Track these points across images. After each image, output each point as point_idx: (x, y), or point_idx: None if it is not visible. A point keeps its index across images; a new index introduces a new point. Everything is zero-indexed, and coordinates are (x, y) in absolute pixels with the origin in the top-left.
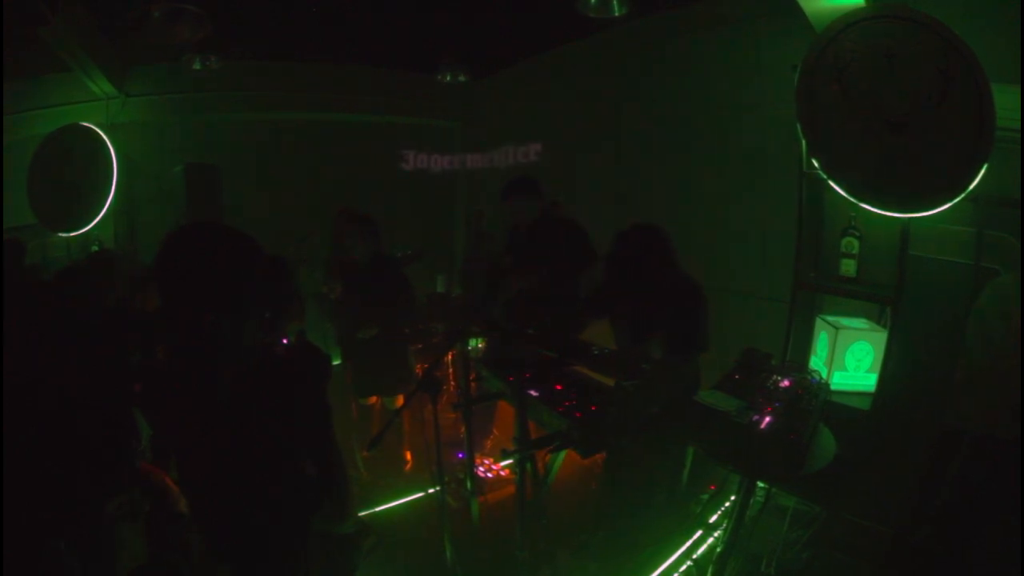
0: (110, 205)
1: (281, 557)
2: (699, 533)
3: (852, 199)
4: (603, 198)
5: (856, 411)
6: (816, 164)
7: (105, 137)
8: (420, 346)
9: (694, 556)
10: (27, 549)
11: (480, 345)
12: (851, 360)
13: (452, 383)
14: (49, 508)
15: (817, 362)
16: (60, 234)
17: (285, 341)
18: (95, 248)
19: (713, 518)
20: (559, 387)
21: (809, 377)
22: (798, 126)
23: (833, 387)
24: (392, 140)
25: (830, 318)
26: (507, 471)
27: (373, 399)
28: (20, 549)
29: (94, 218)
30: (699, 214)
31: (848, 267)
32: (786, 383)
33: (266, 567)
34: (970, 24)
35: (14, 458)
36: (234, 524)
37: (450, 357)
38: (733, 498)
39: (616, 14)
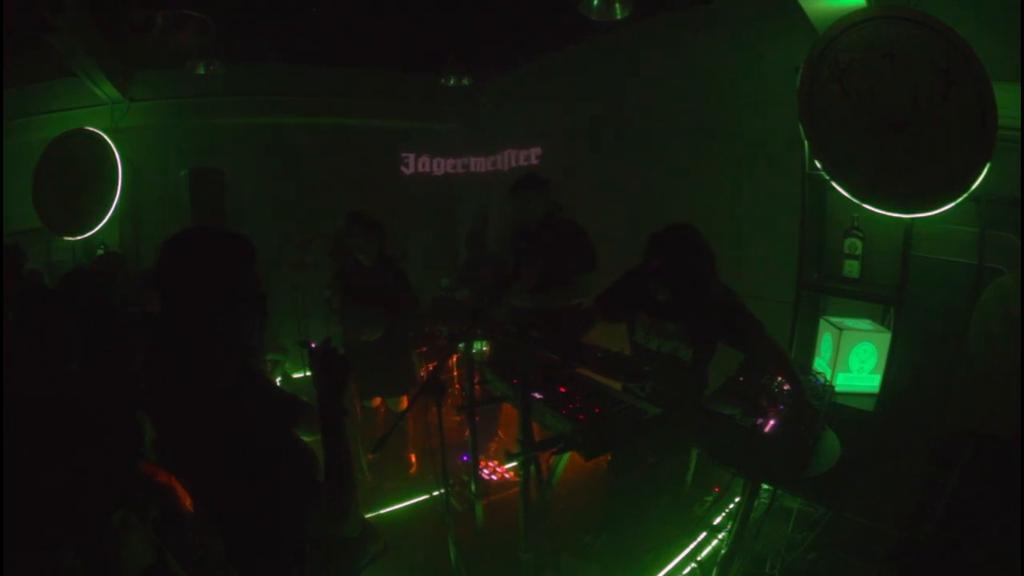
0: (115, 209)
1: (283, 558)
2: (703, 535)
3: (855, 200)
4: (605, 201)
5: (860, 412)
6: (818, 165)
7: (110, 141)
8: (425, 349)
9: (698, 558)
10: (28, 551)
11: (485, 348)
12: (855, 361)
13: (457, 386)
14: (54, 510)
15: (821, 363)
16: (65, 238)
17: (313, 344)
18: (100, 252)
19: (717, 520)
20: (563, 389)
21: (813, 379)
22: (800, 127)
23: (837, 388)
24: (395, 143)
25: (834, 319)
26: (511, 473)
27: (377, 401)
28: (20, 551)
29: (99, 222)
30: (702, 216)
31: (851, 268)
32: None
33: (268, 567)
34: (971, 22)
35: (17, 460)
36: (237, 524)
37: (455, 360)
38: (737, 500)
39: (619, 17)
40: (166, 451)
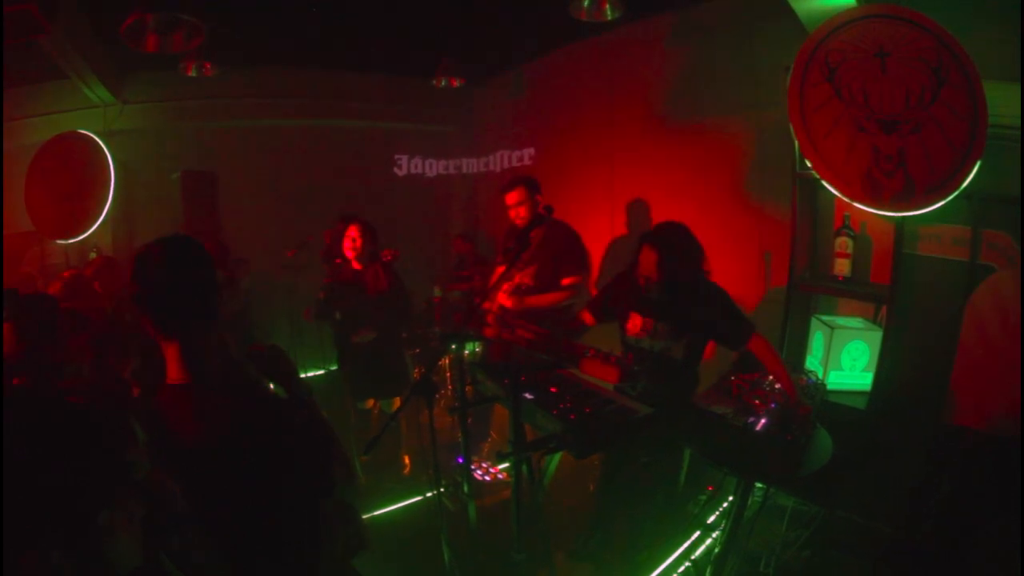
0: (107, 212)
1: (283, 558)
2: (697, 534)
3: (845, 199)
4: (598, 201)
5: (852, 410)
6: (809, 164)
7: (102, 144)
8: (418, 350)
9: (692, 557)
10: (19, 554)
11: (477, 349)
12: (847, 359)
13: (449, 387)
14: (53, 510)
15: (813, 362)
16: (58, 241)
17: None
18: (93, 255)
19: (711, 518)
20: (554, 390)
21: (806, 377)
22: (791, 127)
23: (829, 387)
24: (388, 145)
25: (825, 318)
26: (504, 474)
27: (370, 403)
28: (12, 555)
29: (92, 225)
30: (693, 216)
31: (843, 266)
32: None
33: (268, 568)
34: (965, 20)
35: (17, 460)
36: (237, 525)
37: (447, 361)
38: (731, 498)
39: (609, 18)
40: (160, 455)
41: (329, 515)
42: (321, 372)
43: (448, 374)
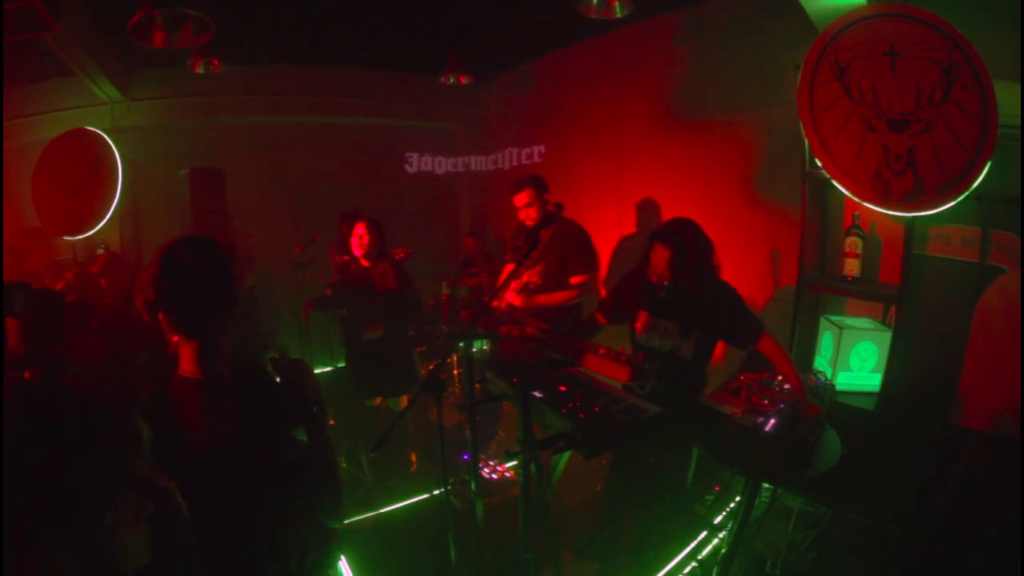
0: (115, 209)
1: (283, 559)
2: (704, 534)
3: (855, 199)
4: (606, 199)
5: (861, 411)
6: (819, 164)
7: (110, 141)
8: (425, 348)
9: (699, 557)
10: (22, 553)
11: (485, 347)
12: (856, 360)
13: (457, 385)
14: (54, 510)
15: (822, 362)
16: (65, 238)
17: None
18: (100, 251)
19: (718, 519)
20: (563, 388)
21: (814, 378)
22: (800, 126)
23: (838, 387)
24: (398, 143)
25: (834, 318)
26: (512, 472)
27: (377, 400)
28: (14, 553)
29: (99, 222)
30: (702, 214)
31: (852, 266)
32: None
33: (268, 568)
34: (972, 20)
35: (15, 460)
36: (239, 524)
37: (455, 359)
38: (738, 499)
39: (618, 15)
40: (161, 448)
41: (307, 532)
42: (328, 369)
43: (456, 372)
